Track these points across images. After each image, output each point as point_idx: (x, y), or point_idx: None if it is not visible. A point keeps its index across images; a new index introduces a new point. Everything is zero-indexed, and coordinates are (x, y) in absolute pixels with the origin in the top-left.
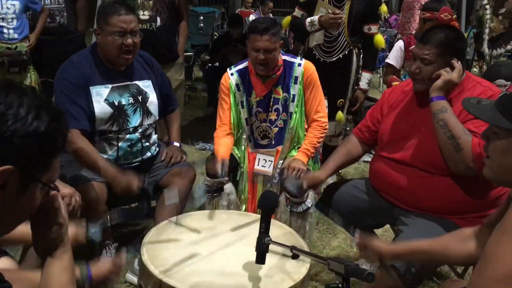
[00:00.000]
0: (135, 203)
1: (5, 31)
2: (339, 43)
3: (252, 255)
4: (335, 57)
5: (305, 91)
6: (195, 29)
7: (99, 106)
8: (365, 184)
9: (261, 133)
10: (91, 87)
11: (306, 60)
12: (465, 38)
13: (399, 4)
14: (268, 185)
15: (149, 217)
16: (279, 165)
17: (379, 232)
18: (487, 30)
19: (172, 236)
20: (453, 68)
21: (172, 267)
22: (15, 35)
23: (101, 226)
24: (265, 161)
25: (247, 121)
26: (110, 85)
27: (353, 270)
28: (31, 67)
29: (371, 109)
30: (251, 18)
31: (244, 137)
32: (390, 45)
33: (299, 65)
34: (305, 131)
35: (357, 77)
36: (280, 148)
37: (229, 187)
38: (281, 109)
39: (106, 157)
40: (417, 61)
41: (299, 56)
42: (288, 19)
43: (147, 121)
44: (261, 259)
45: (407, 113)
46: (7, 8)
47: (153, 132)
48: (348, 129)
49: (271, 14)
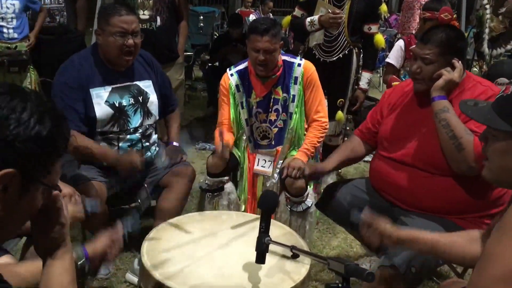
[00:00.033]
0: (135, 203)
1: (5, 30)
2: (339, 42)
3: (251, 255)
4: (335, 57)
5: (305, 92)
6: (195, 29)
7: (99, 108)
8: (365, 184)
9: (261, 134)
10: (91, 89)
11: (306, 60)
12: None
13: (399, 3)
14: (268, 185)
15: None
16: (279, 165)
17: None
18: (487, 29)
19: (171, 237)
20: (454, 67)
21: (171, 269)
22: (15, 35)
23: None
24: (265, 161)
25: (247, 122)
26: (110, 87)
27: (353, 269)
28: (31, 67)
29: (372, 111)
30: (251, 17)
31: (244, 138)
32: (390, 45)
33: (299, 66)
34: (305, 131)
35: (357, 76)
36: (280, 148)
37: (229, 186)
38: (280, 109)
39: None
40: (417, 60)
41: (299, 56)
42: (288, 18)
43: (147, 122)
44: (261, 258)
45: (408, 113)
46: (7, 7)
47: (153, 132)
48: (348, 128)
49: (271, 13)
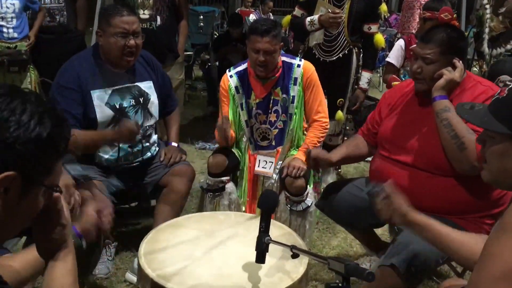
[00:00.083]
0: (134, 203)
1: (5, 30)
2: (339, 42)
3: (250, 255)
4: (335, 57)
5: (305, 92)
6: (195, 28)
7: (100, 110)
8: (365, 183)
9: (260, 135)
10: (92, 91)
11: (305, 60)
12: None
13: (399, 3)
14: (266, 185)
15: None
16: (278, 165)
17: (379, 231)
18: (487, 29)
19: (169, 238)
20: (454, 67)
21: (169, 269)
22: (15, 34)
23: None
24: (266, 162)
25: (247, 123)
26: (111, 89)
27: (353, 269)
28: (31, 67)
29: (372, 112)
30: (251, 17)
31: (244, 139)
32: (390, 45)
33: (298, 66)
34: (305, 131)
35: (357, 76)
36: (280, 149)
37: (230, 186)
38: (280, 110)
39: (107, 157)
40: (418, 60)
41: (299, 55)
42: (288, 18)
43: (147, 123)
44: (261, 258)
45: (408, 113)
46: (7, 7)
47: (153, 132)
48: (348, 128)
49: (271, 13)
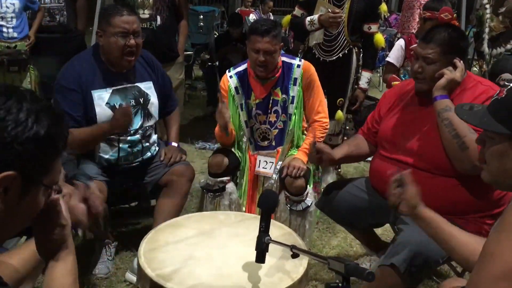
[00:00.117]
0: (134, 203)
1: (5, 30)
2: (339, 42)
3: (250, 255)
4: (335, 56)
5: (305, 93)
6: (195, 28)
7: (100, 109)
8: (365, 183)
9: (261, 135)
10: (92, 91)
11: (305, 60)
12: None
13: (399, 3)
14: (266, 185)
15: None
16: (278, 165)
17: (379, 231)
18: (487, 29)
19: (169, 238)
20: (455, 67)
21: (169, 269)
22: (15, 34)
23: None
24: (266, 162)
25: (247, 124)
26: (111, 89)
27: (353, 269)
28: (31, 66)
29: (372, 112)
30: (251, 17)
31: (244, 139)
32: (390, 44)
33: (298, 67)
34: (304, 131)
35: (357, 76)
36: (280, 149)
37: (230, 186)
38: (280, 110)
39: (107, 157)
40: (419, 60)
41: (299, 55)
42: (288, 18)
43: (147, 123)
44: (261, 258)
45: (408, 113)
46: (7, 7)
47: (153, 132)
48: (348, 128)
49: (271, 13)
